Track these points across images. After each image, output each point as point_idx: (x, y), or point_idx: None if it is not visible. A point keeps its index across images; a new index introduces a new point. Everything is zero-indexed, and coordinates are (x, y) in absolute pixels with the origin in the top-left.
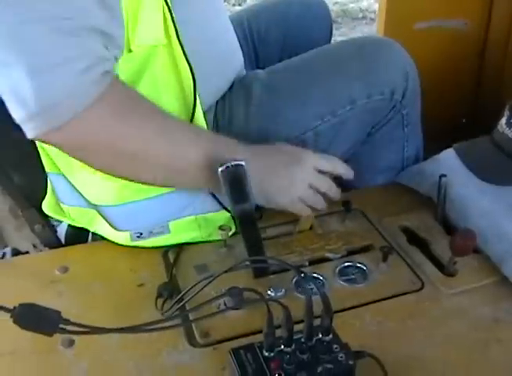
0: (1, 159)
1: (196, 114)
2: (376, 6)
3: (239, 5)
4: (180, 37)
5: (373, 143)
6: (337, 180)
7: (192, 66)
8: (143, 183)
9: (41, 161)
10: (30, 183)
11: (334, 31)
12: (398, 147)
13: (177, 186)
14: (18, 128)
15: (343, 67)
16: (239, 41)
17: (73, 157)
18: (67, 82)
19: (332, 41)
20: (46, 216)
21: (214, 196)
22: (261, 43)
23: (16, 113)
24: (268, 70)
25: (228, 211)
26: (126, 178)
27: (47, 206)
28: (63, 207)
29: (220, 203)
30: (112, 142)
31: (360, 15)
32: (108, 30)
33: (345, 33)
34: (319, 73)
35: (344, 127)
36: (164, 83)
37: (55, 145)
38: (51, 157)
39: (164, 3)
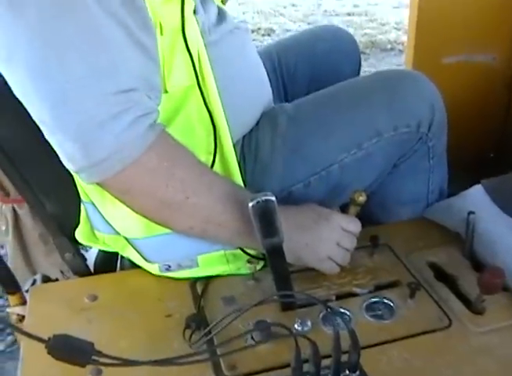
0: (35, 186)
1: (225, 148)
2: (404, 38)
3: (268, 35)
4: (213, 76)
5: (399, 175)
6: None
7: (223, 103)
8: (179, 232)
9: (74, 190)
10: (62, 211)
11: (362, 62)
12: (423, 179)
13: (212, 238)
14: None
15: (369, 100)
16: (269, 75)
17: (114, 197)
18: (115, 138)
19: (361, 73)
20: (76, 243)
21: None
22: (290, 77)
23: (66, 164)
24: (294, 103)
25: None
26: (162, 225)
27: (80, 234)
28: (97, 234)
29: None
30: (155, 190)
31: (388, 46)
32: (149, 77)
33: (373, 64)
34: (344, 105)
35: (369, 159)
36: (196, 120)
37: (100, 185)
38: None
39: (198, 44)
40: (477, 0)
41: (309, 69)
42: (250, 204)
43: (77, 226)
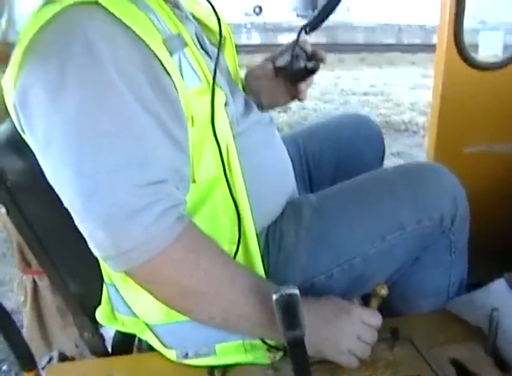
0: (61, 267)
1: (248, 238)
2: (418, 119)
3: (285, 111)
4: (239, 167)
5: (420, 268)
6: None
7: (248, 193)
8: (199, 321)
9: (98, 271)
10: (85, 292)
11: None
12: (444, 272)
13: (233, 328)
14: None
15: (392, 193)
16: (293, 161)
17: (137, 284)
18: (143, 230)
19: None
20: (96, 323)
21: None
22: (315, 164)
23: (94, 251)
24: (318, 194)
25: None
26: (183, 313)
27: (101, 315)
28: (117, 315)
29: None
30: (179, 280)
31: (403, 127)
32: (179, 168)
33: (388, 144)
34: (369, 198)
35: (392, 252)
36: (222, 210)
37: (125, 273)
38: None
39: (227, 136)
40: (497, 92)
41: (334, 156)
42: (274, 297)
43: (97, 306)
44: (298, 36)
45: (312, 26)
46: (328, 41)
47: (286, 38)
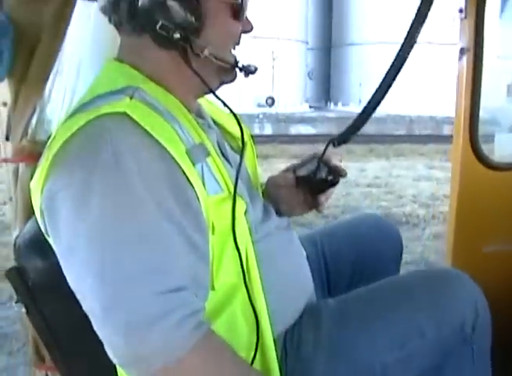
0: (74, 367)
1: (266, 346)
2: (419, 211)
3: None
4: (258, 273)
5: None
6: None
7: (267, 299)
8: None
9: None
10: None
11: None
12: None
13: None
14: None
15: (412, 300)
16: (312, 262)
17: None
18: (161, 337)
19: None
20: None
21: None
22: (333, 263)
23: (110, 356)
24: (337, 300)
25: None
26: None
27: None
28: None
29: None
30: None
31: (403, 219)
32: (199, 275)
33: None
34: (388, 305)
35: (412, 360)
36: (240, 317)
37: None
38: None
39: (247, 243)
40: None
41: (353, 255)
42: None
43: None
44: (325, 149)
45: (340, 140)
46: (340, 131)
47: (298, 129)
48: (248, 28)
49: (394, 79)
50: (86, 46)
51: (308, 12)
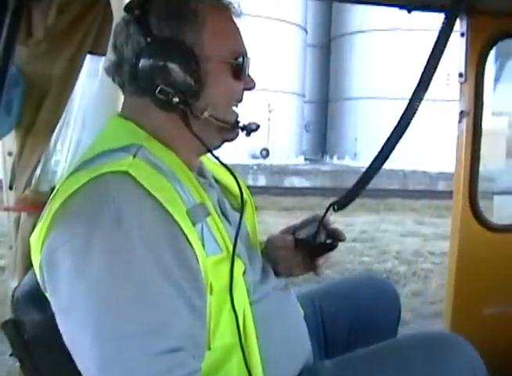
0: None
1: None
2: (400, 268)
3: None
4: (255, 334)
5: None
6: None
7: (263, 360)
8: None
9: None
10: None
11: None
12: None
13: None
14: None
15: (409, 368)
16: (309, 321)
17: None
18: None
19: None
20: None
21: None
22: (331, 322)
23: None
24: (335, 362)
25: None
26: None
27: None
28: None
29: None
30: None
31: (384, 275)
32: (196, 336)
33: None
34: (385, 369)
35: None
36: None
37: None
38: None
39: (244, 304)
40: None
41: (350, 315)
42: None
43: None
44: (325, 213)
45: (341, 205)
46: (335, 185)
47: (292, 181)
48: (250, 85)
49: (391, 150)
50: (93, 99)
51: (306, 66)
